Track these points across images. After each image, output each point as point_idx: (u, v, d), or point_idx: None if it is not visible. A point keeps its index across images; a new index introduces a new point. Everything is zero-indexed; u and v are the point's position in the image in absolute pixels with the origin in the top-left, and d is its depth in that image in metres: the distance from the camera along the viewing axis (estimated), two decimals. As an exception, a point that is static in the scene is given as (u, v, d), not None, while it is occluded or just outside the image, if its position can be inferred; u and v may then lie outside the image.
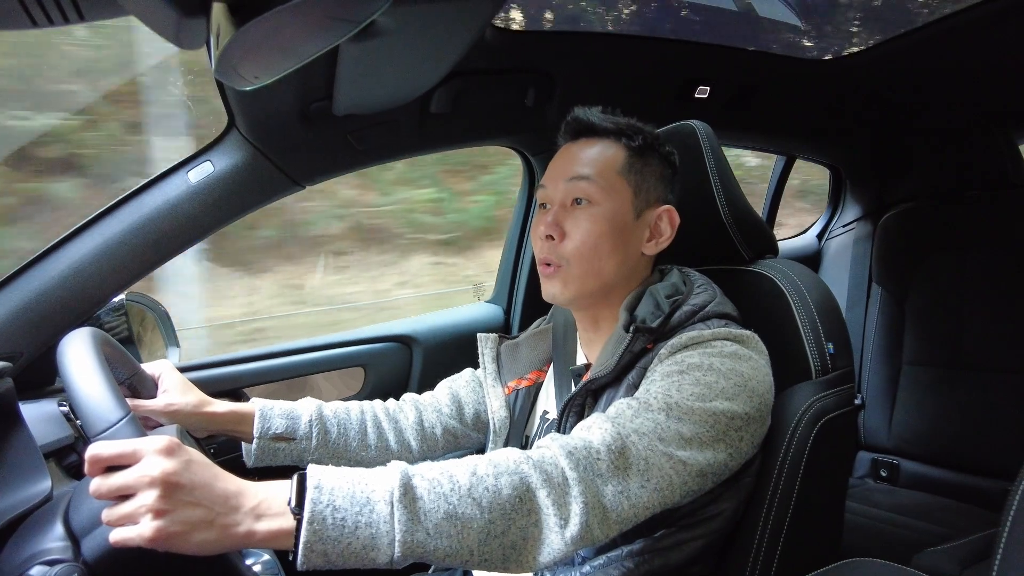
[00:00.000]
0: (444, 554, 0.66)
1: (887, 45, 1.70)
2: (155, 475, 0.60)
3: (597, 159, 0.97)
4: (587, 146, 0.99)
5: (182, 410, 0.98)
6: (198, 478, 0.62)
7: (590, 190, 0.95)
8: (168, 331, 1.29)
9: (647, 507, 0.75)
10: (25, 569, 0.65)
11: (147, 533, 0.59)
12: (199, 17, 0.58)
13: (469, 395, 1.17)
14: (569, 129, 1.03)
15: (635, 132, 0.99)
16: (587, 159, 0.97)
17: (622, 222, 0.96)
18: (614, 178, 0.96)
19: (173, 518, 0.60)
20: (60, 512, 0.71)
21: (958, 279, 1.98)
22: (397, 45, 0.97)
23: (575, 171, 0.97)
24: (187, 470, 0.62)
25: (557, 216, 0.97)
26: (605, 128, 0.99)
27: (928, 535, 1.66)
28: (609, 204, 0.95)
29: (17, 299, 1.09)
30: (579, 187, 0.96)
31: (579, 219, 0.95)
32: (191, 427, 0.98)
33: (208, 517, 0.61)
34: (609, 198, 0.95)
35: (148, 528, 0.59)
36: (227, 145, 1.21)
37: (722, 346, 0.86)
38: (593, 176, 0.96)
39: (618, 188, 0.96)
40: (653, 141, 1.00)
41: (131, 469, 0.61)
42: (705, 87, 1.66)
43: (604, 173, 0.96)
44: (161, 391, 0.99)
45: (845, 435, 1.00)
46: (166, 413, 0.97)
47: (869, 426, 2.11)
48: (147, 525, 0.59)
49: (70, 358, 0.77)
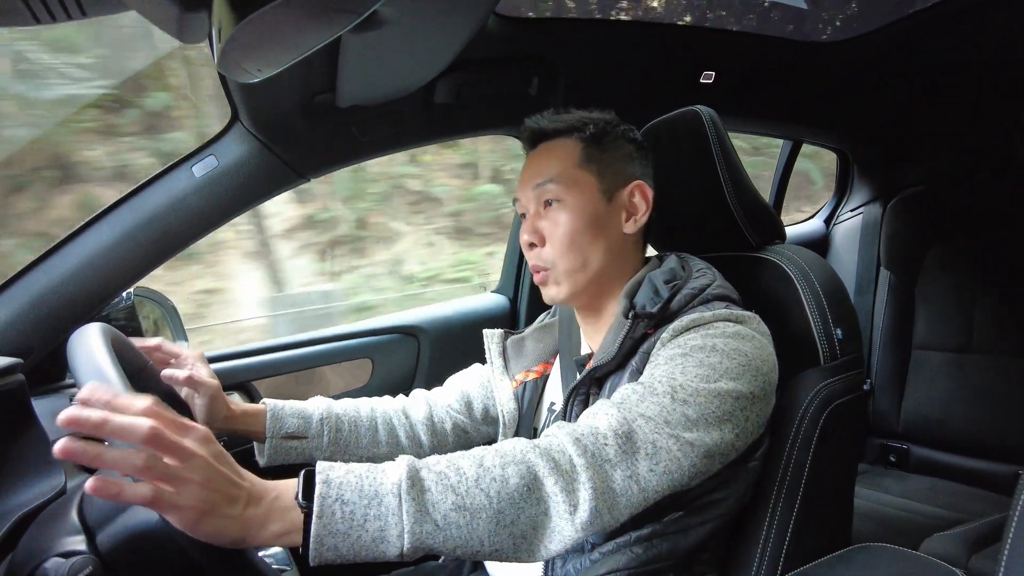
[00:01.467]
0: (454, 545, 0.66)
1: (895, 27, 1.67)
2: (204, 454, 0.61)
3: (555, 159, 1.00)
4: (545, 151, 1.02)
5: (218, 400, 1.00)
6: (231, 469, 0.64)
7: (556, 190, 0.98)
8: (176, 325, 1.29)
9: (656, 490, 0.76)
10: (41, 562, 0.66)
11: (190, 503, 0.59)
12: (201, 11, 0.58)
13: (477, 390, 1.18)
14: (525, 139, 1.06)
15: (584, 123, 1.01)
16: (546, 162, 1.00)
17: (593, 210, 0.98)
18: (575, 172, 0.98)
19: (210, 497, 0.60)
20: (74, 505, 0.72)
21: (968, 263, 1.97)
22: (399, 35, 0.96)
23: (538, 177, 1.00)
24: (222, 459, 0.63)
25: (533, 223, 1.00)
26: (556, 128, 1.02)
27: (938, 520, 1.66)
28: (576, 198, 0.97)
29: (27, 296, 1.10)
30: (546, 190, 0.99)
31: (552, 220, 0.98)
32: (213, 424, 0.99)
33: (233, 507, 0.62)
34: (574, 192, 0.97)
35: (193, 499, 0.59)
36: (231, 139, 1.21)
37: (724, 327, 0.86)
38: (555, 176, 0.98)
39: (581, 180, 0.98)
40: (606, 126, 1.01)
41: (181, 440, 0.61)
42: (710, 72, 1.64)
43: (564, 171, 0.98)
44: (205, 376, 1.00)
45: (854, 421, 1.00)
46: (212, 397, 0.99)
47: (878, 411, 2.10)
48: (193, 495, 0.59)
49: (80, 352, 0.77)
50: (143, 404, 0.60)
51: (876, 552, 0.74)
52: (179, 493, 0.59)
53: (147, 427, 0.58)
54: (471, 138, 1.59)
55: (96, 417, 0.57)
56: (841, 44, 1.76)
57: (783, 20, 1.81)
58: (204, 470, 0.60)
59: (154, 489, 0.58)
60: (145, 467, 0.57)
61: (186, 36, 0.62)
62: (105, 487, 0.57)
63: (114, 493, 0.57)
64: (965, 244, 1.98)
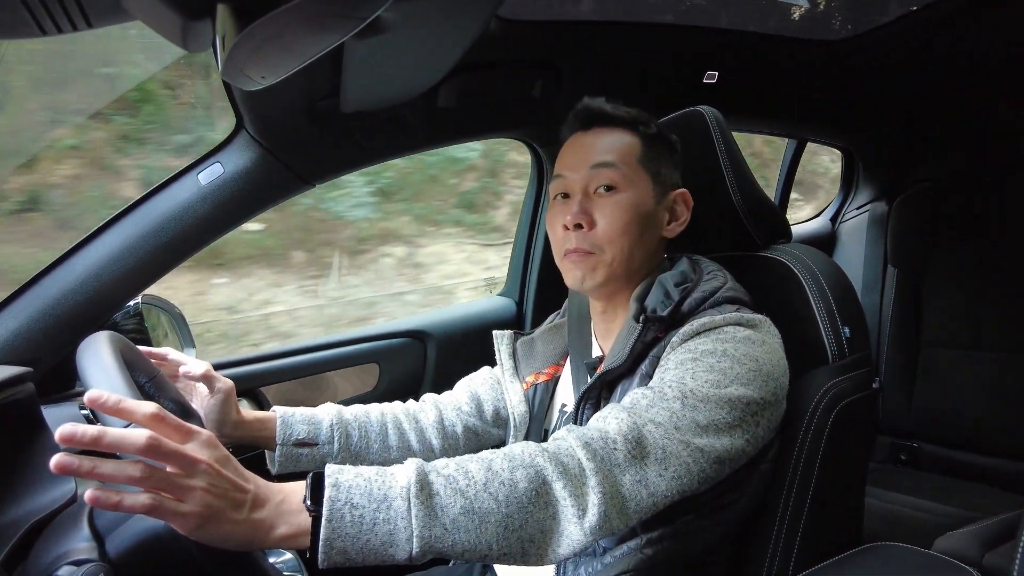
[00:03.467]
0: (462, 549, 0.66)
1: (900, 23, 1.67)
2: (208, 459, 0.61)
3: (617, 147, 0.97)
4: (603, 134, 0.99)
5: (229, 407, 1.00)
6: (236, 473, 0.64)
7: (615, 177, 0.95)
8: (183, 332, 1.30)
9: (666, 495, 0.75)
10: (53, 570, 0.66)
11: (195, 510, 0.59)
12: (204, 19, 0.58)
13: (488, 392, 1.17)
14: (579, 118, 1.02)
15: (647, 120, 1.00)
16: (607, 147, 0.97)
17: (647, 209, 0.97)
18: (635, 166, 0.97)
19: (215, 504, 0.60)
20: (85, 513, 0.72)
21: (976, 259, 1.95)
22: (402, 40, 0.97)
23: (597, 158, 0.97)
24: (227, 464, 0.64)
25: (583, 204, 0.96)
26: (619, 117, 0.99)
27: (950, 518, 1.65)
28: (633, 191, 0.96)
29: (35, 306, 1.11)
30: (604, 174, 0.96)
31: (606, 206, 0.95)
32: (223, 433, 1.00)
33: (240, 511, 0.62)
34: (633, 185, 0.96)
35: (198, 506, 0.59)
36: (236, 146, 1.22)
37: (734, 331, 0.86)
38: (617, 163, 0.96)
39: (639, 176, 0.97)
40: (663, 130, 1.02)
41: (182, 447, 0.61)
42: (714, 72, 1.64)
43: (626, 160, 0.97)
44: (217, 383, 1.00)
45: (864, 420, 1.00)
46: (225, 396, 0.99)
47: (888, 409, 2.09)
48: (197, 503, 0.59)
49: (88, 359, 0.78)
50: (146, 411, 0.61)
51: (888, 552, 0.74)
52: (181, 500, 0.59)
53: (144, 438, 0.58)
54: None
55: (92, 432, 0.57)
56: (846, 42, 1.75)
57: (786, 18, 1.81)
58: (206, 476, 0.61)
59: (153, 497, 0.58)
60: (142, 477, 0.58)
61: (190, 45, 0.63)
62: (105, 498, 0.57)
63: (113, 503, 0.57)
64: (972, 241, 1.96)
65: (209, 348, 2.64)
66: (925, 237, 2.06)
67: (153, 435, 0.59)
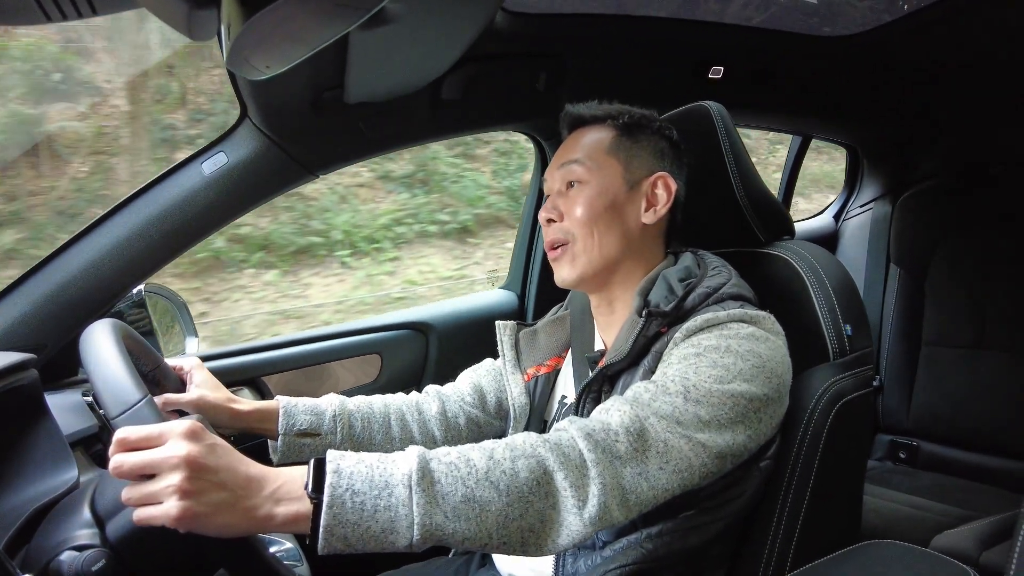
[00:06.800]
0: (463, 537, 0.66)
1: (905, 20, 1.66)
2: (181, 455, 0.61)
3: (586, 143, 1.02)
4: (580, 135, 1.04)
5: (214, 406, 0.99)
6: (222, 461, 0.64)
7: (579, 171, 1.00)
8: (186, 321, 1.30)
9: (666, 489, 0.76)
10: (55, 555, 0.66)
11: (173, 512, 0.60)
12: (210, 8, 0.58)
13: (490, 384, 1.18)
14: (564, 124, 1.08)
15: (621, 113, 1.02)
16: (577, 145, 1.02)
17: (613, 196, 0.98)
18: (602, 157, 1.00)
19: (198, 499, 0.61)
20: (87, 499, 0.73)
21: (979, 258, 1.95)
22: (407, 31, 0.96)
23: (567, 157, 1.02)
24: (211, 453, 0.63)
25: (554, 200, 1.02)
26: (594, 115, 1.04)
27: (948, 517, 1.65)
28: (598, 181, 0.99)
29: (40, 292, 1.11)
30: (571, 171, 1.01)
31: (573, 199, 1.00)
32: (219, 424, 0.99)
33: (231, 500, 0.62)
34: (598, 176, 0.99)
35: (174, 507, 0.60)
36: (240, 135, 1.22)
37: (738, 328, 0.86)
38: (582, 158, 1.00)
39: (607, 165, 1.00)
40: (641, 119, 1.03)
41: (157, 449, 0.62)
42: (719, 68, 1.63)
43: (592, 154, 1.00)
44: (193, 386, 1.00)
45: (863, 417, 1.00)
46: (198, 407, 0.98)
47: (888, 408, 2.09)
48: (173, 504, 0.60)
49: (91, 346, 0.78)
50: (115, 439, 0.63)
51: (885, 549, 0.74)
52: (160, 503, 0.61)
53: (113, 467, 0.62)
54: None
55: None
56: (851, 38, 1.74)
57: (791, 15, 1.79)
58: (178, 473, 0.61)
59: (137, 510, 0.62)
60: (127, 498, 0.63)
61: (195, 33, 0.63)
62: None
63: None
64: (975, 240, 1.96)
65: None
66: (928, 236, 2.05)
67: (114, 462, 0.62)
